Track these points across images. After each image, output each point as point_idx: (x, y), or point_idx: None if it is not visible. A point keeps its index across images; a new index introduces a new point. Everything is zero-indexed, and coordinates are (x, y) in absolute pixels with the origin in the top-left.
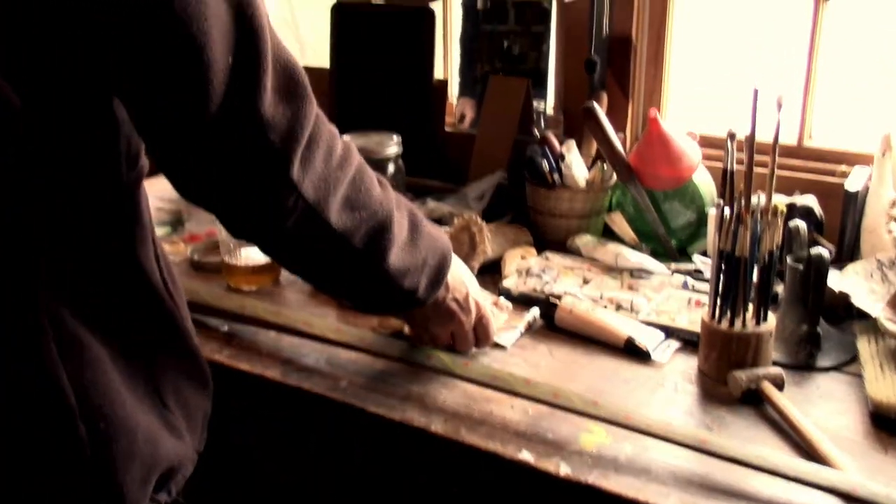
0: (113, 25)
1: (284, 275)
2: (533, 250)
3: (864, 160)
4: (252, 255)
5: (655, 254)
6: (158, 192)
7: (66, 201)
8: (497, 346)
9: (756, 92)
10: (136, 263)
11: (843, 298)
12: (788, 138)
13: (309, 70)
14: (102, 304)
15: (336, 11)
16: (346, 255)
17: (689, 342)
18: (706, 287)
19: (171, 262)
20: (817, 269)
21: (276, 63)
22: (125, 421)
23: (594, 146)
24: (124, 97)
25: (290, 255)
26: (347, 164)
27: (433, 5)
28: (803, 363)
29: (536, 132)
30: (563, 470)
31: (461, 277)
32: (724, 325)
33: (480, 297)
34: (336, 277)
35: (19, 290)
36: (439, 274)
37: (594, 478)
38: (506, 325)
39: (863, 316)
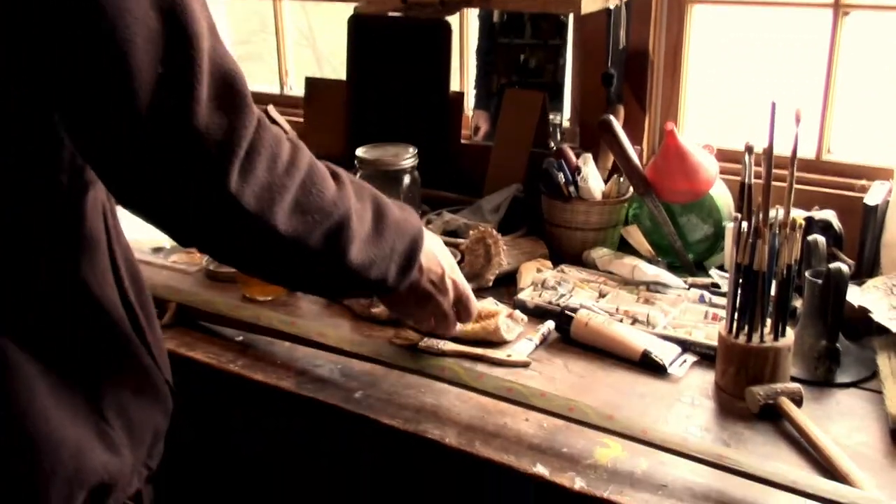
0: (38, 36)
1: None
2: (548, 263)
3: (884, 174)
4: None
5: (672, 267)
6: None
7: None
8: (515, 363)
9: (774, 105)
10: (79, 277)
11: (863, 314)
12: (807, 152)
13: (326, 82)
14: (36, 317)
15: (353, 24)
16: (303, 257)
17: (705, 356)
18: (723, 301)
19: (140, 276)
20: (836, 284)
21: (212, 72)
22: (49, 435)
23: (611, 159)
24: (54, 105)
25: (243, 262)
26: (295, 169)
27: (450, 18)
28: (822, 379)
29: (552, 145)
30: (578, 484)
31: (436, 258)
32: (742, 339)
33: (458, 276)
34: (296, 277)
35: None
36: (410, 259)
37: (610, 492)
38: (520, 337)
39: (883, 332)
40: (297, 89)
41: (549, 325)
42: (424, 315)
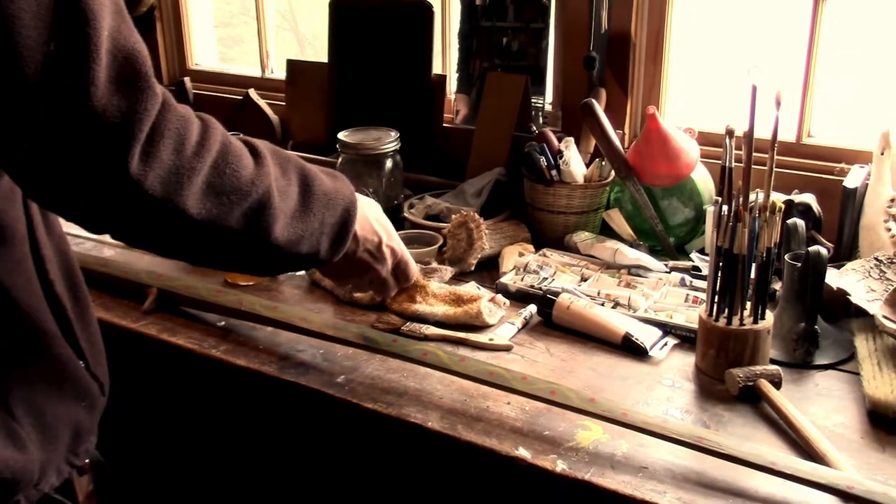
0: None
1: None
2: (531, 247)
3: (863, 158)
4: None
5: (653, 251)
6: None
7: None
8: (497, 347)
9: (755, 88)
10: None
11: (841, 296)
12: (788, 136)
13: (308, 65)
14: None
15: (334, 7)
16: (222, 239)
17: (686, 339)
18: (704, 284)
19: (74, 266)
20: (815, 267)
21: (113, 51)
22: None
23: (592, 143)
24: None
25: (159, 248)
26: (205, 150)
27: (432, 1)
28: (801, 361)
29: (535, 128)
30: (560, 466)
31: (372, 227)
32: (722, 322)
33: (396, 242)
34: (219, 259)
35: None
36: (343, 231)
37: (591, 475)
38: (503, 321)
39: (861, 314)
40: (278, 72)
41: (532, 308)
42: (362, 283)
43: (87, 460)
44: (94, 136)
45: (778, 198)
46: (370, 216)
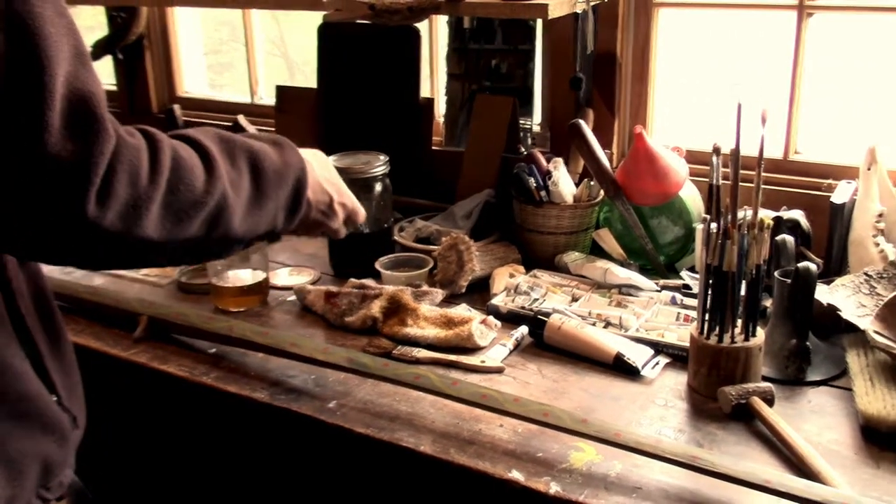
0: None
1: (272, 296)
2: (521, 268)
3: (850, 174)
4: (240, 277)
5: (644, 270)
6: None
7: None
8: (489, 369)
9: (740, 106)
10: None
11: (832, 312)
12: (775, 152)
13: (297, 91)
14: None
15: (323, 32)
16: (185, 247)
17: (678, 358)
18: (695, 302)
19: (48, 299)
20: (805, 283)
21: (68, 96)
22: None
23: (581, 163)
24: None
25: (125, 267)
26: (158, 175)
27: (419, 25)
28: (793, 377)
29: (523, 150)
30: (554, 489)
31: (322, 187)
32: (713, 340)
33: (347, 196)
34: (183, 260)
35: None
36: (296, 202)
37: (585, 496)
38: (494, 343)
39: (852, 329)
40: (267, 99)
41: (523, 330)
42: (314, 234)
43: (60, 494)
44: (48, 181)
45: (766, 214)
46: (320, 177)
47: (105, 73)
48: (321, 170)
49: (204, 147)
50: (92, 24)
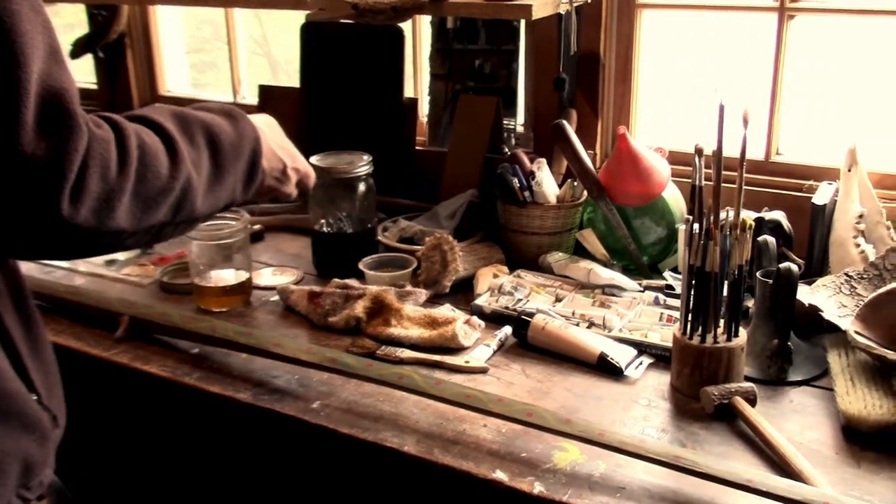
0: None
1: (255, 296)
2: (505, 268)
3: (831, 175)
4: (223, 277)
5: (627, 270)
6: None
7: None
8: (473, 369)
9: (722, 107)
10: None
11: (813, 312)
12: (757, 154)
13: (279, 90)
14: None
15: (305, 31)
16: (155, 231)
17: (661, 358)
18: (678, 303)
19: (26, 297)
20: (787, 284)
21: (42, 93)
22: None
23: (564, 163)
24: None
25: (95, 255)
26: (127, 165)
27: (402, 25)
28: (775, 377)
29: (507, 150)
30: (538, 489)
31: (276, 155)
32: (696, 340)
33: (300, 162)
34: (149, 242)
35: None
36: (252, 173)
37: (569, 496)
38: (478, 343)
39: (833, 329)
40: (250, 98)
41: (507, 330)
42: (266, 199)
43: (40, 494)
44: (23, 178)
45: (748, 215)
46: (273, 144)
47: (86, 71)
48: (273, 136)
49: (164, 129)
50: (72, 22)
